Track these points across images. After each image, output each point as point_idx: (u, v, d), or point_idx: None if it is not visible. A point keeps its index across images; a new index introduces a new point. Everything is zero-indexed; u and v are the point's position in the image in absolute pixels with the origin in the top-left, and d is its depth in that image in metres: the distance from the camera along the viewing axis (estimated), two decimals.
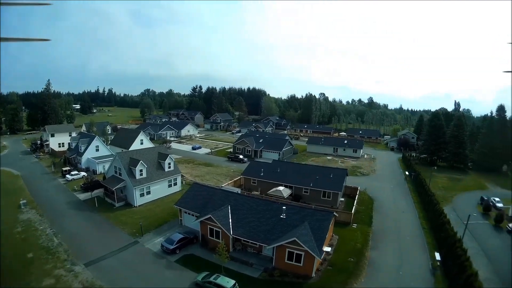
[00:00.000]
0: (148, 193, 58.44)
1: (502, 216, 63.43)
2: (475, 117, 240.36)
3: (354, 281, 38.85)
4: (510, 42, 16.54)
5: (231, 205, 45.01)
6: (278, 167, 69.05)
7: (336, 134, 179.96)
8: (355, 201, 64.41)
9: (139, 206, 56.94)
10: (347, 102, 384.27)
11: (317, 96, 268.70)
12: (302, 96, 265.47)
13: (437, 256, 45.87)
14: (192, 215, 47.53)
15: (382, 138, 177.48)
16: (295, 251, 37.31)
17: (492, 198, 75.55)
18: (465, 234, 49.94)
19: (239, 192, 57.57)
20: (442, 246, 48.78)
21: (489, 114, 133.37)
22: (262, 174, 67.35)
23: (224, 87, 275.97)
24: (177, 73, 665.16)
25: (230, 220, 42.66)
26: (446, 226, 51.23)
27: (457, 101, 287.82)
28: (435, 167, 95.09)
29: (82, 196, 61.97)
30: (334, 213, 45.85)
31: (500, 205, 72.13)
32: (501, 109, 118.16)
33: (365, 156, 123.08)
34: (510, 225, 60.73)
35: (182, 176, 69.64)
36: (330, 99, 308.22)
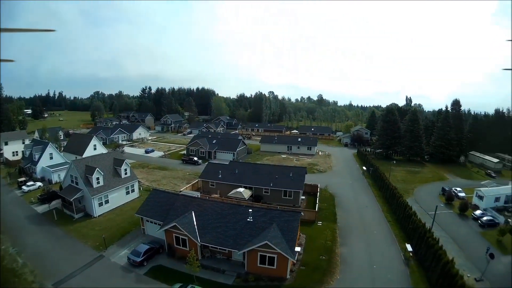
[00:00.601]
0: (107, 201, 59.33)
1: (466, 205, 69.02)
2: (426, 111, 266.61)
3: (330, 279, 40.50)
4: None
5: (194, 210, 46.16)
6: (236, 168, 71.75)
7: (288, 132, 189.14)
8: (318, 198, 66.90)
9: (98, 216, 57.45)
10: (296, 100, 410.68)
11: (267, 95, 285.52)
12: (251, 95, 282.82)
13: (409, 247, 48.77)
14: (155, 223, 48.48)
15: (334, 135, 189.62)
16: (268, 254, 38.77)
17: (453, 188, 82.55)
18: (433, 224, 53.94)
19: (199, 196, 59.71)
20: (411, 237, 51.80)
21: (443, 108, 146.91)
22: (220, 176, 69.79)
23: (173, 88, 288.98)
24: (126, 74, 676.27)
25: (196, 227, 43.64)
26: (413, 217, 54.41)
27: (408, 97, 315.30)
28: (394, 161, 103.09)
29: (40, 208, 61.34)
30: (301, 213, 47.89)
31: (462, 194, 79.08)
32: (456, 103, 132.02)
33: (320, 153, 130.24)
34: (475, 212, 66.58)
35: (138, 181, 71.07)
36: (280, 97, 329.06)
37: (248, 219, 43.34)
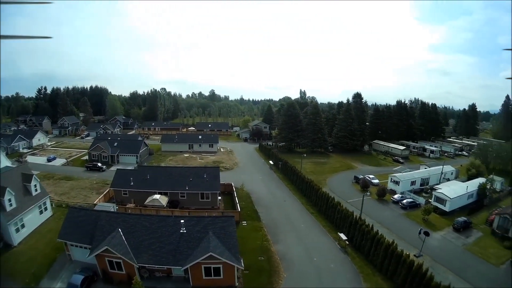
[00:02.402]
0: (23, 226, 59.75)
1: (384, 190, 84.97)
2: (319, 103, 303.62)
3: (279, 279, 46.68)
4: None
5: (121, 228, 48.16)
6: (147, 174, 78.02)
7: (185, 130, 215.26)
8: (236, 197, 75.58)
9: (18, 244, 57.26)
10: (188, 95, 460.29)
11: (159, 91, 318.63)
12: (144, 93, 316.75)
13: (342, 236, 58.02)
14: (82, 247, 49.61)
15: (232, 130, 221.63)
16: (212, 266, 43.05)
17: (366, 176, 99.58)
18: (361, 212, 64.98)
19: (116, 208, 64.41)
20: (341, 226, 61.92)
21: (339, 101, 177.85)
22: (132, 183, 75.09)
23: (67, 87, 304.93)
24: (21, 73, 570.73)
25: (129, 247, 45.72)
26: (338, 207, 64.81)
27: (302, 90, 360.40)
28: (304, 155, 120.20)
29: None
30: (234, 216, 53.72)
31: (375, 181, 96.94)
32: (357, 96, 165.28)
33: (222, 150, 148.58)
34: (394, 196, 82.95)
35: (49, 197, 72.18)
36: (172, 93, 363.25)
37: (181, 231, 46.64)
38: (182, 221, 47.68)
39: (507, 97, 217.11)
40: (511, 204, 71.79)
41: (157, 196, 69.06)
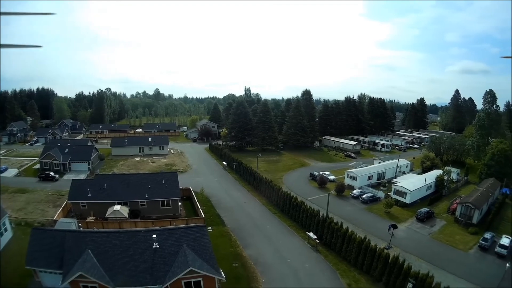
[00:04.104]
0: None
1: (343, 186, 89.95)
2: (263, 99, 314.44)
3: (258, 284, 48.81)
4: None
5: (91, 248, 47.06)
6: (104, 183, 77.46)
7: (132, 132, 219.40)
8: (197, 203, 76.86)
9: None
10: (132, 95, 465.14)
11: (104, 91, 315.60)
12: (90, 93, 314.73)
13: (312, 235, 61.13)
14: (52, 272, 48.13)
15: (179, 130, 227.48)
16: (192, 280, 43.59)
17: (322, 172, 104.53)
18: (328, 210, 67.71)
19: (76, 223, 63.48)
20: (307, 225, 65.22)
21: (283, 97, 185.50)
22: (89, 194, 74.20)
23: (15, 90, 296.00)
24: None
25: (102, 270, 44.76)
26: (303, 207, 68.23)
27: (247, 87, 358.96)
28: (260, 155, 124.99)
29: None
30: (205, 225, 55.10)
31: (332, 177, 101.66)
32: (307, 93, 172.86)
33: (172, 152, 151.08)
34: (353, 192, 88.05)
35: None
36: (117, 93, 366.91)
37: (154, 246, 46.32)
38: (154, 236, 47.65)
39: (457, 91, 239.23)
40: (470, 193, 79.52)
41: (117, 207, 68.90)
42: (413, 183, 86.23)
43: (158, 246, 46.27)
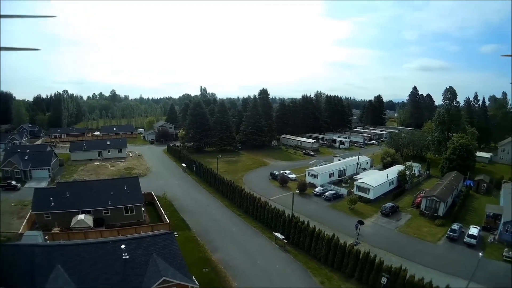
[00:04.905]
0: None
1: (305, 185, 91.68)
2: (218, 99, 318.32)
3: None
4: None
5: (61, 263, 45.55)
6: (66, 191, 76.26)
7: (90, 135, 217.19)
8: (160, 207, 76.89)
9: None
10: (88, 97, 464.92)
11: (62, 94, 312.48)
12: (48, 96, 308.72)
13: (279, 235, 62.01)
14: None
15: (137, 132, 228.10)
16: None
17: (283, 171, 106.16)
18: (293, 209, 69.19)
19: (42, 235, 62.26)
20: (273, 225, 66.15)
21: (238, 96, 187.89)
22: (53, 204, 72.77)
23: None
24: None
25: (74, 285, 43.57)
26: (267, 207, 69.07)
27: (203, 87, 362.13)
28: (220, 156, 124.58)
29: None
30: (174, 232, 54.46)
31: (292, 176, 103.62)
32: (264, 92, 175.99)
33: (131, 155, 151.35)
34: (316, 190, 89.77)
35: None
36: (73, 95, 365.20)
37: (123, 257, 45.39)
38: (123, 246, 46.86)
39: (414, 88, 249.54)
40: (434, 187, 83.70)
41: (81, 216, 68.13)
42: (376, 179, 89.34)
43: (127, 257, 45.49)
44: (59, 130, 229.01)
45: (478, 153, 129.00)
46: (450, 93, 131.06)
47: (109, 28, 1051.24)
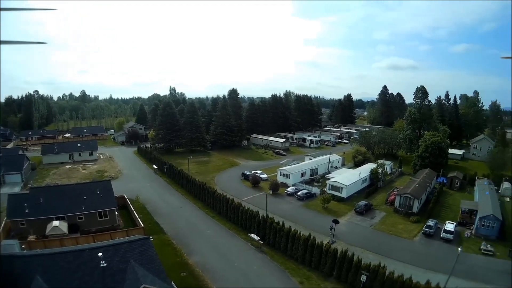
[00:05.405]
0: None
1: (277, 185, 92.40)
2: (187, 98, 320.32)
3: None
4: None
5: (40, 274, 44.56)
6: (40, 197, 75.12)
7: (61, 137, 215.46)
8: (134, 211, 76.48)
9: None
10: (59, 97, 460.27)
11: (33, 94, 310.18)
12: (19, 97, 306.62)
13: (254, 236, 62.45)
14: None
15: (107, 134, 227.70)
16: None
17: (254, 171, 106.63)
18: (267, 210, 69.80)
19: (18, 244, 61.37)
20: (248, 227, 66.55)
21: (206, 96, 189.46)
22: (27, 211, 71.67)
23: None
24: None
25: None
26: (241, 208, 69.40)
27: (172, 87, 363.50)
28: (191, 157, 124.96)
29: None
30: (150, 237, 54.31)
31: (264, 176, 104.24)
32: (233, 92, 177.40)
33: (102, 157, 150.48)
34: (288, 189, 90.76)
35: None
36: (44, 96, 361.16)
37: (101, 265, 45.15)
38: (100, 254, 46.04)
39: (384, 87, 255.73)
40: (407, 184, 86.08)
41: (56, 223, 67.43)
42: (348, 178, 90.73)
43: (105, 265, 44.79)
44: (30, 133, 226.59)
45: (450, 150, 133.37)
46: (421, 92, 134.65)
47: (77, 26, 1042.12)
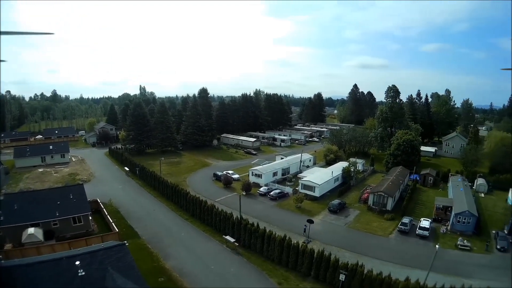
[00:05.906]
0: None
1: (250, 185, 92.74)
2: (157, 97, 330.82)
3: None
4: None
5: (21, 286, 44.28)
6: (14, 203, 74.21)
7: (33, 139, 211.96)
8: (108, 215, 75.56)
9: None
10: (30, 98, 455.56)
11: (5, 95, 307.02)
12: None
13: (229, 238, 62.89)
14: None
15: (78, 135, 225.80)
16: None
17: (226, 171, 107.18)
18: (241, 211, 70.77)
19: None
20: (222, 228, 66.92)
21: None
22: (2, 218, 70.52)
23: None
24: None
25: None
26: (215, 210, 69.63)
27: (142, 86, 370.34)
28: (163, 158, 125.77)
29: None
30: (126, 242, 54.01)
31: (236, 176, 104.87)
32: (203, 91, 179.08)
33: (73, 159, 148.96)
34: (260, 189, 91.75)
35: None
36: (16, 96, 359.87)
37: (80, 273, 44.53)
38: (77, 262, 45.36)
39: (355, 85, 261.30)
40: (381, 182, 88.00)
41: (31, 230, 66.71)
42: (320, 177, 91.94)
43: (84, 273, 44.32)
44: (2, 135, 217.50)
45: (423, 148, 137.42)
46: (393, 91, 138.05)
47: (46, 24, 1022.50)
